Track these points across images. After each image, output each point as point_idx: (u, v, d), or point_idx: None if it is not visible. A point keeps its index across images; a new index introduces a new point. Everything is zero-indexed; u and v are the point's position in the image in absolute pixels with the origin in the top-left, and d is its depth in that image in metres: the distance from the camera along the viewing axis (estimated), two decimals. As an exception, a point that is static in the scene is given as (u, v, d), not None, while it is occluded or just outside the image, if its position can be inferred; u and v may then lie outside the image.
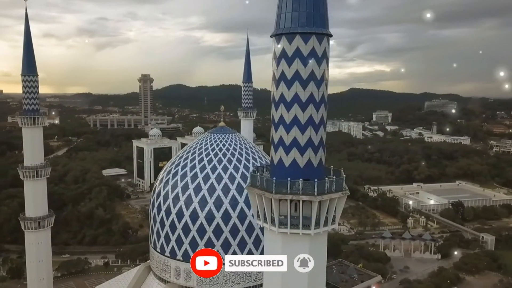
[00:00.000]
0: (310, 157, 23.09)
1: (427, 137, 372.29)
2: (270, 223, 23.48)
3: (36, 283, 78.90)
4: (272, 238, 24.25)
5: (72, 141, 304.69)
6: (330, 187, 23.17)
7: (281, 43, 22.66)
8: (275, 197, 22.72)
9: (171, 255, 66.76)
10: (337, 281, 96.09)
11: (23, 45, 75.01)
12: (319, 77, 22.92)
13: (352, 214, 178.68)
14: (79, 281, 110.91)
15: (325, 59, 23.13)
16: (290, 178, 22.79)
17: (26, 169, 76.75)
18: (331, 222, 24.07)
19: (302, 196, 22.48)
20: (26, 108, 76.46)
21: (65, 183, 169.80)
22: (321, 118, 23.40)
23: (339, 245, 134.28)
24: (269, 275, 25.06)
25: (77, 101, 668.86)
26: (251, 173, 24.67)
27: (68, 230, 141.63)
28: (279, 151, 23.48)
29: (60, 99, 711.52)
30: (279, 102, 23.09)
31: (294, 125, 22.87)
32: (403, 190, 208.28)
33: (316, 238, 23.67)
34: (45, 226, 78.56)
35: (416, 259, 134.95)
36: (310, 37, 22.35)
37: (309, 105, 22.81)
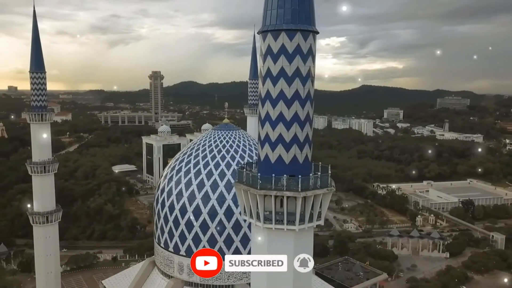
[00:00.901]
0: (296, 154, 23.22)
1: (439, 135, 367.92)
2: (256, 218, 23.73)
3: (44, 276, 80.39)
4: (258, 233, 24.54)
5: (83, 137, 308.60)
6: (314, 184, 23.27)
7: (267, 40, 22.79)
8: (260, 193, 22.93)
9: (175, 250, 67.51)
10: (343, 278, 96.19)
11: (31, 42, 76.23)
12: (304, 74, 22.97)
13: (361, 211, 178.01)
14: (88, 275, 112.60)
15: (311, 56, 23.16)
16: (276, 174, 22.96)
17: (34, 165, 78.16)
18: (317, 218, 24.14)
19: (286, 192, 22.65)
20: (34, 105, 77.78)
21: (75, 179, 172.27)
22: (306, 115, 23.49)
23: (346, 243, 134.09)
24: (257, 274, 25.34)
25: (90, 98, 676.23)
26: (238, 169, 24.92)
27: (78, 225, 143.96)
28: (265, 148, 23.66)
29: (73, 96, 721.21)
30: (265, 99, 23.25)
31: (280, 121, 23.02)
32: (413, 188, 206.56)
33: (301, 234, 23.80)
34: (52, 220, 79.78)
35: (424, 258, 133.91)
36: (295, 34, 22.42)
37: (295, 101, 22.92)
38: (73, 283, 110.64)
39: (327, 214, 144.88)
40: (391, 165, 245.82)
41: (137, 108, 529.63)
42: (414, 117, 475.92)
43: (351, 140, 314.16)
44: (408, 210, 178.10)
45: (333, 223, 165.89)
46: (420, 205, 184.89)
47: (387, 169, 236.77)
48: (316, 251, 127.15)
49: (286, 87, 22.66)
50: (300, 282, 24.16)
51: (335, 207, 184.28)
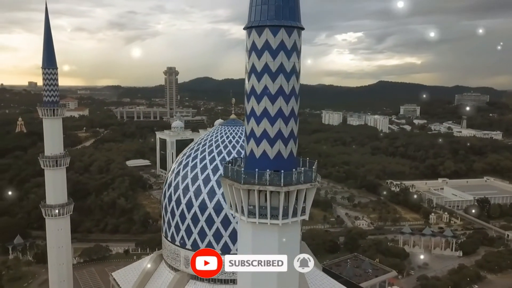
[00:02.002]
0: (280, 149, 23.34)
1: (456, 132, 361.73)
2: (241, 213, 23.98)
3: (56, 267, 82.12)
4: (243, 227, 24.85)
5: (99, 132, 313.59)
6: (298, 179, 23.35)
7: (251, 36, 22.92)
8: (243, 187, 23.16)
9: (181, 244, 68.33)
10: (351, 275, 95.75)
11: (43, 39, 77.45)
12: (288, 70, 23.03)
13: (373, 208, 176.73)
14: (100, 267, 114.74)
15: (295, 51, 23.19)
16: (261, 169, 23.15)
17: (46, 159, 79.63)
18: (301, 213, 24.22)
19: (269, 186, 22.81)
20: (46, 100, 79.10)
21: (89, 173, 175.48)
22: (291, 111, 23.55)
23: (356, 240, 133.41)
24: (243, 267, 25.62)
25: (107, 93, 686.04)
26: (225, 164, 25.17)
27: (92, 219, 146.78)
28: (251, 143, 23.86)
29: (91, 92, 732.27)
30: (250, 95, 23.41)
31: (264, 117, 23.16)
32: (427, 186, 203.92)
33: (286, 229, 23.94)
34: (64, 213, 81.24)
35: (436, 256, 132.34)
36: (278, 30, 22.47)
37: (279, 97, 23.01)
38: (86, 275, 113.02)
39: (339, 211, 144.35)
40: (406, 162, 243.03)
41: (152, 104, 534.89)
42: (431, 114, 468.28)
43: (366, 137, 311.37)
44: (422, 208, 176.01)
45: (344, 219, 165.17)
46: (434, 203, 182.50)
47: (401, 166, 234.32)
48: (326, 247, 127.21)
49: (270, 83, 22.78)
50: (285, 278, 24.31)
51: (347, 203, 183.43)
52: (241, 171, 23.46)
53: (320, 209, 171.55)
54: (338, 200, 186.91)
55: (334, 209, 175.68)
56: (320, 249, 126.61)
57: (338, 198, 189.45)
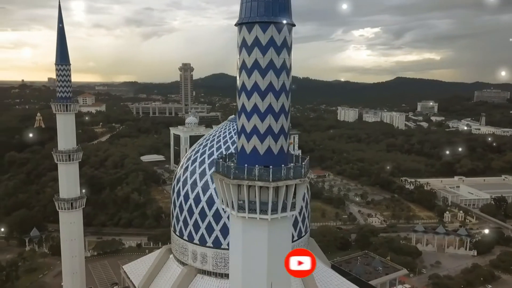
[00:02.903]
0: (270, 145, 23.45)
1: (475, 129, 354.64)
2: (231, 207, 24.21)
3: (69, 260, 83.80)
4: (234, 222, 25.11)
5: (115, 127, 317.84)
6: (287, 174, 23.42)
7: (242, 33, 23.05)
8: (233, 182, 23.39)
9: (189, 238, 69.20)
10: (360, 272, 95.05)
11: (56, 36, 78.84)
12: (278, 66, 23.10)
13: (386, 206, 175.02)
14: (113, 260, 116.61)
15: (286, 48, 23.22)
16: (252, 164, 23.33)
17: (60, 153, 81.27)
18: (290, 209, 24.30)
19: (258, 182, 22.96)
20: (59, 96, 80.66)
21: (104, 168, 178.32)
22: (281, 107, 23.62)
23: (368, 237, 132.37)
24: (233, 259, 25.88)
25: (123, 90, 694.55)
26: (216, 159, 25.41)
27: (106, 213, 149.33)
28: (241, 139, 24.06)
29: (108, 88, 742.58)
30: (241, 91, 23.56)
31: (254, 113, 23.29)
32: (443, 184, 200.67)
33: (275, 224, 24.07)
34: (77, 207, 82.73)
35: (449, 255, 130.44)
36: (268, 26, 22.53)
37: (268, 93, 23.09)
38: (99, 267, 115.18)
39: (351, 208, 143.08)
40: (421, 160, 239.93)
41: (168, 100, 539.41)
42: (449, 111, 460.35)
43: (381, 133, 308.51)
44: (436, 206, 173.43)
45: (357, 217, 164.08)
46: (449, 201, 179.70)
47: (416, 163, 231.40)
48: (337, 244, 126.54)
49: (260, 79, 22.89)
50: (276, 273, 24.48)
51: (360, 201, 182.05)
52: (230, 166, 23.69)
53: (332, 206, 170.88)
54: (351, 197, 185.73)
55: (346, 206, 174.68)
56: (331, 246, 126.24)
57: (351, 195, 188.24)
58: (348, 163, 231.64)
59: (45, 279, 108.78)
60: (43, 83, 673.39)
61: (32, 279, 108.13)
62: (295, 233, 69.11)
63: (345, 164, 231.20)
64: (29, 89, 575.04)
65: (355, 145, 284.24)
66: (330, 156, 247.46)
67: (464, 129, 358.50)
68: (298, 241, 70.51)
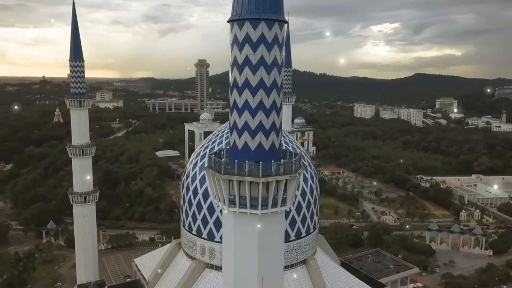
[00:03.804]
0: (261, 141, 23.59)
1: (495, 126, 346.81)
2: (223, 202, 24.51)
3: (83, 252, 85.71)
4: (226, 217, 25.43)
5: (131, 123, 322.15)
6: (277, 170, 23.54)
7: (233, 30, 23.23)
8: (223, 177, 23.66)
9: (197, 233, 69.86)
10: (371, 270, 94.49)
11: (70, 33, 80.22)
12: (269, 63, 23.20)
13: (401, 204, 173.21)
14: (126, 254, 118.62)
15: (277, 44, 23.29)
16: (243, 160, 23.53)
17: (73, 148, 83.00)
18: (281, 204, 24.42)
19: (248, 177, 23.17)
20: (73, 92, 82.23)
21: (120, 163, 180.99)
22: (272, 103, 23.72)
23: (380, 235, 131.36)
24: (225, 253, 26.22)
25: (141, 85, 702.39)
26: (209, 155, 25.68)
27: (121, 207, 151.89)
28: (233, 135, 24.29)
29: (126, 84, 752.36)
30: (232, 87, 23.76)
31: (245, 109, 23.48)
32: (460, 182, 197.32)
33: (266, 219, 24.24)
34: (90, 201, 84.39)
35: (464, 254, 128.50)
36: (259, 23, 22.63)
37: (259, 90, 23.22)
38: (113, 260, 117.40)
39: (365, 205, 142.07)
40: (438, 157, 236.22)
41: (184, 96, 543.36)
42: (469, 108, 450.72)
43: (397, 131, 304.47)
44: (452, 205, 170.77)
45: (370, 214, 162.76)
46: (466, 199, 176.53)
47: (433, 161, 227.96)
48: (349, 241, 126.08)
49: (251, 75, 23.03)
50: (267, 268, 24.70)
51: (375, 198, 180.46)
52: (221, 161, 24.00)
53: (346, 203, 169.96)
54: (365, 195, 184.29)
55: (360, 203, 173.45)
56: (343, 243, 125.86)
57: (365, 192, 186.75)
58: (363, 160, 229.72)
59: (60, 271, 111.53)
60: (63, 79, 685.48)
61: (48, 270, 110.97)
62: (303, 229, 69.12)
63: (360, 161, 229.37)
64: (49, 85, 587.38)
65: (371, 142, 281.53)
66: (345, 153, 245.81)
67: (484, 127, 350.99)
68: (306, 237, 70.45)
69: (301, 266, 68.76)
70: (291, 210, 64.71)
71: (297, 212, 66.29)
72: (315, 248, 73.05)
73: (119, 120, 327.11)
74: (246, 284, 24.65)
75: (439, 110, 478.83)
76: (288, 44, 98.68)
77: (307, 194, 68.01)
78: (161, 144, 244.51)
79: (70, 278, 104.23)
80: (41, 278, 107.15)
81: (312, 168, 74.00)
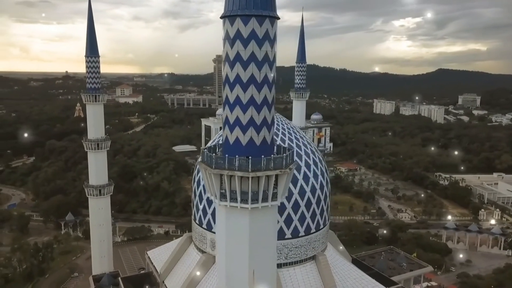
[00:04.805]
0: (252, 136, 23.78)
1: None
2: (214, 196, 24.82)
3: (98, 244, 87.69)
4: (218, 210, 25.76)
5: (150, 118, 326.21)
6: (267, 165, 23.66)
7: (225, 26, 23.45)
8: (214, 172, 23.97)
9: (208, 227, 70.59)
10: (383, 268, 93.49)
11: (86, 29, 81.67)
12: (260, 59, 23.30)
13: (418, 202, 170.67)
14: (141, 246, 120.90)
15: (268, 40, 23.35)
16: (235, 155, 23.75)
17: (89, 142, 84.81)
18: (272, 199, 24.55)
19: (237, 172, 23.41)
20: (89, 87, 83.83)
21: (137, 157, 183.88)
22: (264, 99, 23.82)
23: (395, 232, 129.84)
24: (218, 245, 26.57)
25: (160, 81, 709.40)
26: (202, 149, 26.01)
27: (137, 200, 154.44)
28: (226, 130, 24.58)
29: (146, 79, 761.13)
30: (225, 83, 23.99)
31: (237, 104, 23.69)
32: (480, 180, 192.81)
33: (257, 213, 24.45)
34: (105, 193, 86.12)
35: (481, 254, 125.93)
36: (249, 19, 22.76)
37: (250, 85, 23.36)
38: (128, 252, 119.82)
39: (381, 203, 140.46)
40: (458, 155, 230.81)
41: (203, 91, 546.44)
42: (493, 104, 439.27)
43: (417, 127, 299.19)
44: (471, 203, 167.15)
45: (386, 212, 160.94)
46: (486, 198, 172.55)
47: (452, 158, 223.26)
48: (363, 238, 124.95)
49: (242, 71, 23.21)
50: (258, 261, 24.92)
51: (391, 195, 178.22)
52: (212, 156, 24.31)
53: (361, 200, 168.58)
54: (381, 192, 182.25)
55: (376, 200, 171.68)
56: (357, 240, 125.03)
57: (381, 189, 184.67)
58: (381, 157, 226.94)
59: (77, 261, 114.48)
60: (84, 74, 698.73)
61: (65, 260, 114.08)
62: (312, 225, 68.98)
63: (377, 158, 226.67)
64: (71, 80, 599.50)
65: (389, 138, 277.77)
66: (362, 150, 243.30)
67: (508, 124, 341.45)
68: (316, 233, 70.26)
69: (310, 262, 68.64)
70: (300, 206, 64.78)
71: (307, 208, 66.11)
72: (325, 244, 72.82)
73: (138, 115, 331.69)
74: (238, 276, 25.04)
75: (462, 107, 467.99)
76: (302, 40, 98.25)
77: (317, 190, 67.73)
78: (179, 139, 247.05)
79: (86, 269, 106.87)
80: (59, 268, 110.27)
81: (323, 164, 73.66)
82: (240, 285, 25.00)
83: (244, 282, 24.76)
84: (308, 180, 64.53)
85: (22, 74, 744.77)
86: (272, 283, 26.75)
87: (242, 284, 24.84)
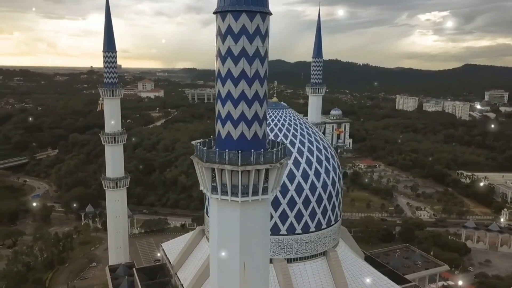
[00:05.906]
0: (243, 131, 24.02)
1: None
2: (206, 189, 25.25)
3: (114, 235, 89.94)
4: (211, 203, 26.19)
5: (170, 112, 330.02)
6: (257, 159, 23.87)
7: (218, 21, 23.70)
8: (205, 165, 24.38)
9: (218, 221, 71.38)
10: (398, 265, 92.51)
11: (104, 24, 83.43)
12: (251, 54, 23.45)
13: (438, 200, 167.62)
14: (158, 239, 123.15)
15: (259, 35, 23.47)
16: (226, 149, 24.11)
17: (106, 135, 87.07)
18: (262, 192, 24.76)
19: (227, 166, 23.73)
20: (106, 81, 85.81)
21: (156, 151, 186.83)
22: (255, 94, 23.99)
23: (412, 231, 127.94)
24: (211, 238, 27.01)
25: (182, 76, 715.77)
26: (195, 144, 26.46)
27: (156, 193, 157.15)
28: (218, 124, 24.96)
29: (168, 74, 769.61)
30: (217, 78, 24.31)
31: (228, 99, 23.96)
32: (504, 179, 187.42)
33: (247, 206, 24.73)
34: (121, 186, 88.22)
35: (502, 254, 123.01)
36: (240, 15, 22.90)
37: (241, 80, 23.56)
38: (145, 244, 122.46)
39: (400, 200, 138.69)
40: (482, 152, 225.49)
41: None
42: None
43: (440, 124, 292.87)
44: (494, 202, 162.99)
45: (404, 209, 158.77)
46: (509, 197, 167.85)
47: (476, 156, 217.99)
48: (379, 236, 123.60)
49: (233, 66, 23.43)
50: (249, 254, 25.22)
51: (410, 193, 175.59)
52: (204, 150, 24.73)
53: (379, 197, 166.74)
54: (400, 189, 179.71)
55: (394, 198, 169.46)
56: (373, 237, 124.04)
57: (400, 187, 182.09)
58: (401, 153, 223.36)
59: (96, 252, 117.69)
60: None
61: (84, 250, 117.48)
62: (323, 221, 68.79)
63: (398, 154, 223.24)
64: (96, 74, 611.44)
65: (411, 135, 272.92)
66: (382, 146, 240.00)
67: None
68: (327, 229, 70.02)
69: (321, 258, 68.55)
70: (311, 201, 64.72)
71: (318, 204, 65.91)
72: (336, 240, 72.51)
73: (159, 110, 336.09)
74: (229, 268, 25.47)
75: (488, 103, 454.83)
76: (319, 35, 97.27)
77: (328, 186, 67.46)
78: (198, 133, 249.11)
79: (104, 259, 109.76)
80: (78, 257, 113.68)
81: (335, 160, 73.25)
82: (231, 276, 25.45)
83: (235, 274, 25.18)
84: (320, 176, 64.40)
85: (49, 69, 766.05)
86: (264, 276, 27.09)
87: (233, 276, 25.28)
